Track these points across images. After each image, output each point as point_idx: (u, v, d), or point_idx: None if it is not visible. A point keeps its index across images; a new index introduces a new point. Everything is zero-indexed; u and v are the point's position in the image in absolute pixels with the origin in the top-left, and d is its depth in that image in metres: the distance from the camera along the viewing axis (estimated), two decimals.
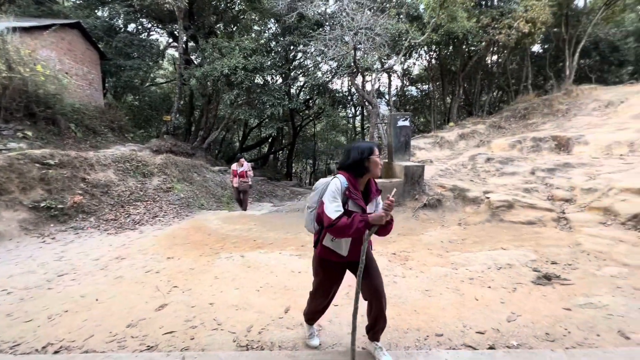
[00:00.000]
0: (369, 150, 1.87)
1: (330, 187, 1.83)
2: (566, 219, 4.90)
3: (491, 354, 1.93)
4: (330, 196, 1.80)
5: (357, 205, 1.85)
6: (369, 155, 1.86)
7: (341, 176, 1.87)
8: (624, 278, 3.05)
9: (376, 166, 1.88)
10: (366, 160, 1.86)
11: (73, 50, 11.46)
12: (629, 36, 16.11)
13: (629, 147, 7.07)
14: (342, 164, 1.92)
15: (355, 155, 1.86)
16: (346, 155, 1.92)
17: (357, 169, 1.88)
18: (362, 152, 1.86)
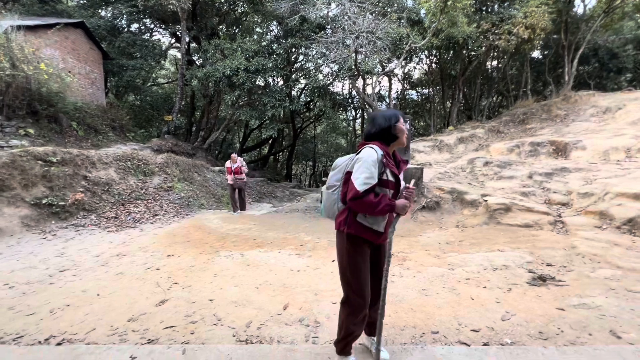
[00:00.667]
0: (395, 117, 1.77)
1: (366, 157, 1.66)
2: (562, 222, 4.96)
3: (485, 350, 1.98)
4: (364, 167, 1.64)
5: (394, 175, 1.74)
6: (396, 122, 1.76)
7: (375, 145, 1.72)
8: (618, 280, 3.11)
9: (403, 134, 1.79)
10: (393, 127, 1.75)
11: (76, 50, 11.55)
12: (628, 44, 16.27)
13: (626, 153, 7.15)
14: (369, 133, 1.80)
15: (381, 123, 1.76)
16: (371, 124, 1.81)
17: (385, 137, 1.77)
18: (389, 119, 1.76)
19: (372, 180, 1.63)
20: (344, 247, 1.80)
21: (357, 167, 1.67)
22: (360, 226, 1.75)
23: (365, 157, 1.66)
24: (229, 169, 7.74)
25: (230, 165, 7.72)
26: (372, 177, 1.63)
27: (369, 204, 1.63)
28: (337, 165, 1.86)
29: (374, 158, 1.65)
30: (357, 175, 1.64)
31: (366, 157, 1.67)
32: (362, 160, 1.66)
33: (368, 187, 1.62)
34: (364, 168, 1.64)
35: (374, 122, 1.80)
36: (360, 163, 1.66)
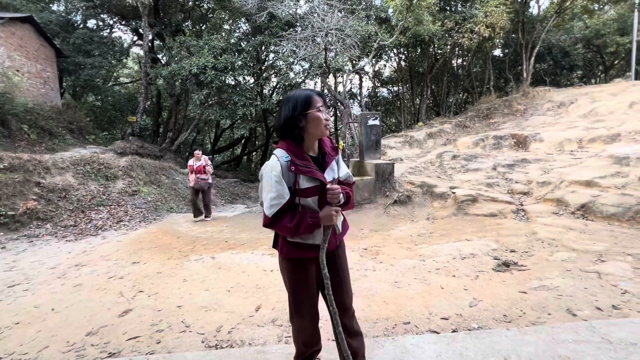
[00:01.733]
0: (303, 102, 1.33)
1: (266, 172, 1.34)
2: (524, 210, 5.24)
3: (453, 337, 2.03)
4: (267, 184, 1.32)
5: (312, 179, 1.35)
6: (305, 109, 1.32)
7: (279, 150, 1.36)
8: (573, 262, 3.32)
9: (318, 124, 1.34)
10: (301, 117, 1.33)
11: (25, 47, 10.67)
12: (578, 42, 17.53)
13: (578, 144, 7.69)
14: (277, 128, 1.40)
15: (286, 113, 1.34)
16: (278, 115, 1.41)
17: (292, 132, 1.36)
18: (294, 108, 1.32)
19: (280, 199, 1.30)
20: (283, 271, 1.51)
21: (260, 185, 1.36)
22: (293, 246, 1.43)
23: (266, 172, 1.34)
24: (190, 167, 6.86)
25: (192, 164, 6.82)
26: (279, 195, 1.30)
27: (286, 229, 1.32)
28: (262, 174, 1.39)
29: (276, 171, 1.30)
30: (263, 196, 1.34)
31: (266, 171, 1.33)
32: (263, 176, 1.34)
33: (277, 209, 1.30)
34: (267, 186, 1.32)
35: (280, 111, 1.38)
36: (262, 180, 1.35)
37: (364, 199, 6.36)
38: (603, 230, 4.17)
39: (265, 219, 1.35)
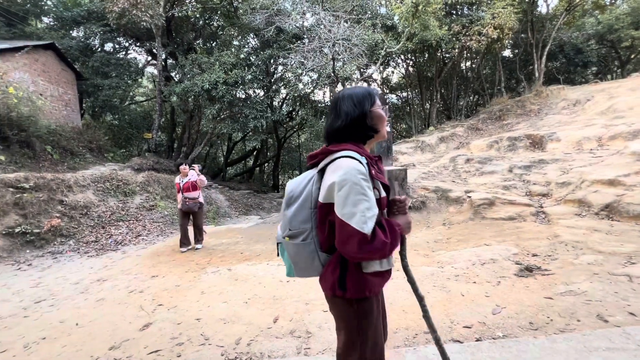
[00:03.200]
0: (370, 98, 1.17)
1: (351, 176, 1.02)
2: (544, 212, 5.08)
3: (477, 346, 1.96)
4: (357, 192, 1.02)
5: (384, 186, 1.19)
6: (372, 104, 1.17)
7: (352, 151, 1.10)
8: (600, 265, 3.18)
9: (383, 122, 1.20)
10: (370, 114, 1.16)
11: (48, 72, 11.24)
12: (590, 39, 17.14)
13: (597, 142, 7.44)
14: (335, 129, 1.16)
15: (350, 110, 1.14)
16: (335, 113, 1.17)
17: (359, 132, 1.17)
18: (362, 102, 1.15)
19: (374, 209, 1.04)
20: (351, 317, 1.16)
21: (343, 196, 1.02)
22: (369, 279, 1.13)
23: (350, 176, 1.02)
24: (177, 185, 5.63)
25: (178, 181, 5.58)
26: (372, 205, 1.03)
27: (382, 248, 1.03)
28: (293, 194, 1.17)
29: (363, 174, 1.04)
30: (351, 210, 1.00)
31: (351, 175, 1.02)
32: (348, 181, 1.01)
33: (374, 221, 1.03)
34: (358, 195, 1.01)
35: (339, 110, 1.15)
36: (347, 188, 1.01)
37: None
38: (630, 231, 3.98)
39: (362, 239, 0.99)
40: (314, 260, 1.17)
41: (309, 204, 1.14)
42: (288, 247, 1.20)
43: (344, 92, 1.20)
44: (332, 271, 1.14)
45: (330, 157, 1.13)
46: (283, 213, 1.19)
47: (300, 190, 1.17)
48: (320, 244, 1.15)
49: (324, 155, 1.16)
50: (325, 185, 1.08)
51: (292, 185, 1.21)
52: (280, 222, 1.23)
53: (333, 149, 1.13)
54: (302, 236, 1.15)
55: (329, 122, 1.21)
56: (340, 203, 1.03)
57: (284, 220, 1.19)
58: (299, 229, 1.15)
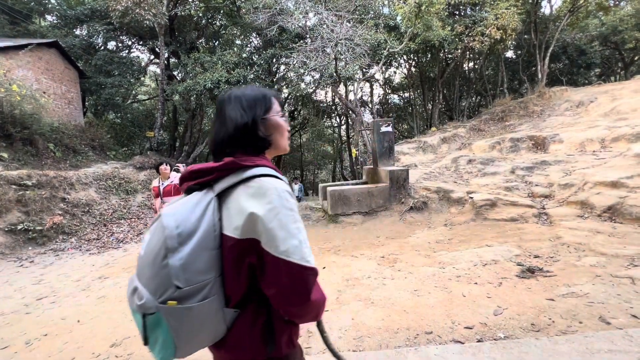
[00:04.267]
0: (263, 102, 0.90)
1: (283, 203, 0.77)
2: (546, 214, 5.06)
3: (479, 347, 1.96)
4: (293, 221, 0.77)
5: None
6: (266, 111, 0.90)
7: (269, 168, 0.83)
8: (603, 267, 3.16)
9: (282, 132, 0.93)
10: (261, 121, 0.89)
11: (51, 70, 11.27)
12: (594, 40, 17.06)
13: (600, 144, 7.41)
14: (222, 139, 0.88)
15: (237, 116, 0.86)
16: (220, 120, 0.89)
17: (251, 143, 0.88)
18: (252, 108, 0.88)
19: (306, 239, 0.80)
20: None
21: (277, 227, 0.74)
22: (293, 331, 0.89)
23: (283, 201, 0.77)
24: (155, 190, 4.74)
25: (157, 184, 4.72)
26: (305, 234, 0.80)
27: (321, 292, 0.84)
28: (182, 230, 0.75)
29: (293, 197, 0.81)
30: (292, 243, 0.75)
31: (283, 200, 0.77)
32: (280, 209, 0.75)
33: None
34: (296, 223, 0.77)
35: (224, 116, 0.88)
36: (282, 217, 0.75)
37: (379, 206, 6.30)
38: (633, 233, 3.96)
39: (312, 279, 0.78)
40: (218, 323, 0.78)
41: (211, 243, 0.75)
42: (172, 317, 0.73)
43: (232, 93, 0.91)
44: (249, 328, 0.80)
45: (238, 175, 0.79)
46: (161, 263, 0.72)
47: (194, 224, 0.75)
48: (227, 298, 0.78)
49: (225, 171, 0.80)
50: (242, 215, 0.75)
51: (177, 217, 0.75)
52: (149, 276, 0.74)
53: (242, 164, 0.80)
54: (203, 292, 0.74)
55: (213, 130, 0.90)
56: (276, 238, 0.73)
57: (161, 274, 0.72)
58: (198, 282, 0.73)
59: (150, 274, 0.75)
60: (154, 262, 0.74)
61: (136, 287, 0.76)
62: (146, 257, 0.76)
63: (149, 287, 0.74)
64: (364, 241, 5.14)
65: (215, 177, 0.82)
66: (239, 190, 0.78)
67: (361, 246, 4.85)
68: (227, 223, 0.77)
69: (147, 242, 0.78)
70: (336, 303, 2.93)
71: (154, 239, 0.76)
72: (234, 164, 0.81)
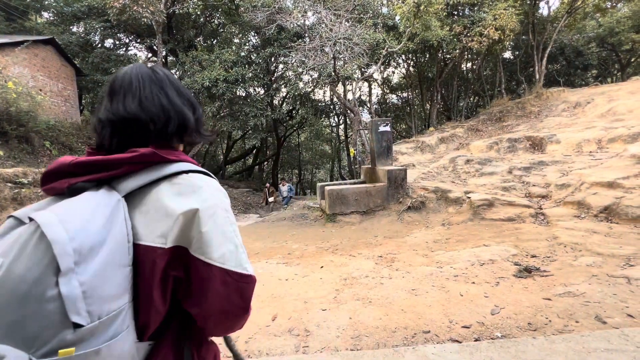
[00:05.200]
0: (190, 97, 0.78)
1: (220, 203, 0.65)
2: (543, 214, 5.08)
3: (476, 346, 1.96)
4: (230, 223, 0.66)
5: None
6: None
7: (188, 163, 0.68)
8: (599, 266, 3.18)
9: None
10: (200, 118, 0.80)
11: (47, 67, 11.19)
12: (591, 42, 17.17)
13: (597, 144, 7.45)
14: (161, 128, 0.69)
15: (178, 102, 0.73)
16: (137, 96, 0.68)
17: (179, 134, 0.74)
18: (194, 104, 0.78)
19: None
20: None
21: (212, 231, 0.61)
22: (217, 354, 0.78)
23: (219, 201, 0.65)
24: None
25: None
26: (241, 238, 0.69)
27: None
28: (81, 245, 0.50)
29: (224, 191, 0.70)
30: (229, 248, 0.63)
31: (218, 200, 0.65)
32: (217, 208, 0.64)
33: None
34: (232, 226, 0.66)
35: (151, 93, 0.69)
36: (219, 219, 0.63)
37: (377, 206, 6.30)
38: (629, 233, 3.99)
39: (251, 287, 0.66)
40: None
41: (124, 259, 0.56)
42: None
43: (166, 75, 0.74)
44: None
45: (158, 170, 0.63)
46: (42, 296, 0.48)
47: (97, 235, 0.53)
48: (139, 329, 0.59)
49: (140, 165, 0.62)
50: (169, 218, 0.59)
51: (68, 226, 0.51)
52: (11, 322, 0.48)
53: (167, 157, 0.64)
54: (114, 326, 0.54)
55: (112, 108, 0.68)
56: (210, 243, 0.61)
57: (41, 314, 0.48)
58: (106, 314, 0.52)
59: (14, 317, 0.47)
60: (25, 299, 0.47)
61: None
62: (3, 292, 0.48)
63: (14, 339, 0.47)
64: (362, 240, 5.14)
65: (122, 173, 0.61)
66: (160, 188, 0.62)
67: (359, 245, 4.86)
68: (145, 231, 0.59)
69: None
70: (334, 302, 2.92)
71: (19, 265, 0.48)
72: (156, 156, 0.63)
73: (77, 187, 0.59)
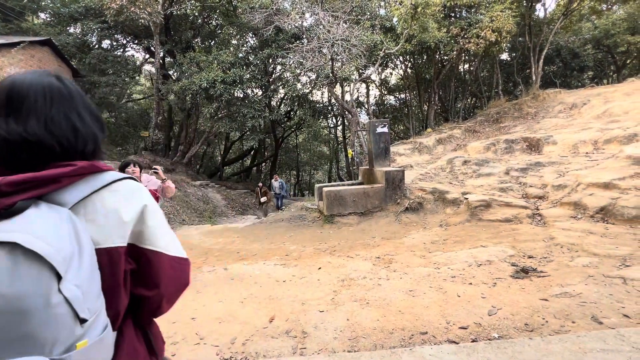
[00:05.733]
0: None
1: (153, 201, 0.74)
2: (540, 215, 5.10)
3: (473, 347, 1.97)
4: (162, 215, 0.77)
5: None
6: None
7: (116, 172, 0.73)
8: (595, 267, 3.20)
9: None
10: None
11: (44, 68, 11.14)
12: (587, 43, 17.30)
13: (593, 145, 7.50)
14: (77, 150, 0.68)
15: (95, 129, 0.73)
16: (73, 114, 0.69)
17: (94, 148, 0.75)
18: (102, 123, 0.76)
19: None
20: None
21: (158, 225, 0.72)
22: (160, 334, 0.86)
23: (148, 197, 0.73)
24: None
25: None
26: None
27: None
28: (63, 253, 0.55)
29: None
30: (169, 237, 0.74)
31: (147, 195, 0.73)
32: (154, 205, 0.73)
33: None
34: (162, 217, 0.75)
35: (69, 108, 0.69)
36: (158, 213, 0.73)
37: (375, 207, 6.31)
38: (625, 234, 4.01)
39: (189, 266, 0.78)
40: (110, 352, 0.65)
41: (95, 262, 0.62)
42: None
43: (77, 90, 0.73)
44: (135, 347, 0.72)
45: (94, 180, 0.67)
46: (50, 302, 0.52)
47: (71, 246, 0.58)
48: (114, 319, 0.66)
49: (77, 177, 0.65)
50: (122, 220, 0.66)
51: (48, 241, 0.55)
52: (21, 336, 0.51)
53: (103, 168, 0.69)
54: (102, 319, 0.62)
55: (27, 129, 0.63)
56: (156, 235, 0.71)
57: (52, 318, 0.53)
58: (97, 309, 0.60)
59: (24, 330, 0.51)
60: (30, 308, 0.51)
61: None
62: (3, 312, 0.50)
63: (32, 345, 0.52)
64: (360, 242, 5.14)
65: (62, 186, 0.63)
66: (104, 196, 0.66)
67: (357, 247, 4.86)
68: (99, 235, 0.64)
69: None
70: (332, 304, 2.92)
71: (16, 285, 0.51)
72: (94, 168, 0.67)
73: (18, 206, 0.57)
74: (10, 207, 0.56)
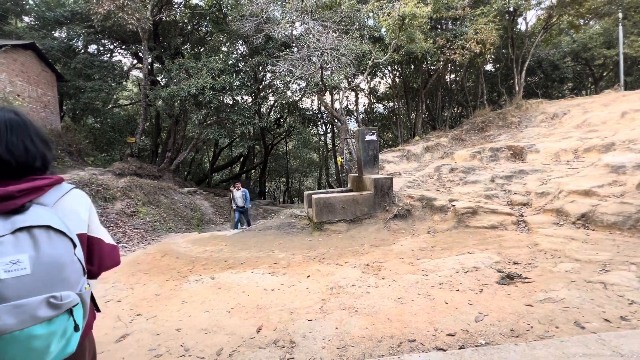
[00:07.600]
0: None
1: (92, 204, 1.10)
2: (524, 221, 5.22)
3: (460, 354, 1.98)
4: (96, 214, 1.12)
5: None
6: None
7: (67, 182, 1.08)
8: (577, 272, 3.28)
9: None
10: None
11: (26, 72, 10.87)
12: (566, 56, 18.03)
13: (574, 154, 7.76)
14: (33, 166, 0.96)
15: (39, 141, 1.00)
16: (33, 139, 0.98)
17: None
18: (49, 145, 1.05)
19: None
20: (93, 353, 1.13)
21: (95, 218, 1.09)
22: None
23: (90, 201, 1.09)
24: None
25: None
26: None
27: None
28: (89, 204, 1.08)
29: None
30: (103, 230, 1.12)
31: (90, 200, 1.09)
32: (91, 204, 1.08)
33: None
34: (97, 216, 1.13)
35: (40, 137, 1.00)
36: (94, 211, 1.09)
37: (364, 214, 6.33)
38: (605, 240, 4.14)
39: (118, 249, 1.16)
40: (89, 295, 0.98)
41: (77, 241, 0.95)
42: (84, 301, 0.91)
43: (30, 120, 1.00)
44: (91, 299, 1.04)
45: (60, 188, 0.99)
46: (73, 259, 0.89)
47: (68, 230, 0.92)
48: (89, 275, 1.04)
49: (50, 187, 0.95)
50: (82, 216, 1.01)
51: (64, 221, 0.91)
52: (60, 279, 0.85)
53: (63, 180, 1.02)
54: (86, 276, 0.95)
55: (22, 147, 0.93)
56: (98, 228, 1.09)
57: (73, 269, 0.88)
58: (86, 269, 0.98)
59: (63, 275, 0.85)
60: (65, 263, 0.86)
61: (47, 299, 0.80)
62: (50, 266, 0.83)
63: (68, 285, 0.85)
64: (349, 249, 5.14)
65: (44, 193, 0.94)
66: (67, 200, 0.99)
67: (346, 254, 4.85)
68: (71, 225, 0.93)
69: (34, 257, 0.81)
70: (320, 312, 2.89)
71: (46, 249, 0.83)
72: (60, 180, 1.00)
73: (27, 206, 0.88)
74: (22, 206, 0.87)
